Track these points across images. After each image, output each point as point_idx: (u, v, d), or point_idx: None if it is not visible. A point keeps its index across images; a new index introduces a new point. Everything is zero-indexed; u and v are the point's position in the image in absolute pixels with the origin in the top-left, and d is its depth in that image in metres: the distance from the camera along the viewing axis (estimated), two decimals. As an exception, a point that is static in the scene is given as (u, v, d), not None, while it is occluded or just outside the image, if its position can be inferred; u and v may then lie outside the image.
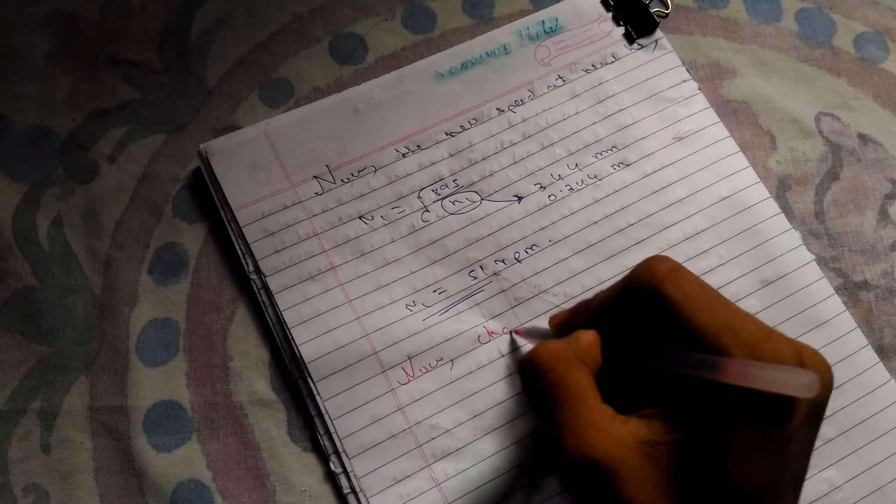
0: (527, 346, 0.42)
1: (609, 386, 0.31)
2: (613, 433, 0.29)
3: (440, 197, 0.45)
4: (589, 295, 0.42)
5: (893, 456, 0.41)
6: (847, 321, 0.43)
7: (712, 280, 0.42)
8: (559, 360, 0.31)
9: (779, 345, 0.29)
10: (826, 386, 0.29)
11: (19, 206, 0.45)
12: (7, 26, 0.48)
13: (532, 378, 0.32)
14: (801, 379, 0.26)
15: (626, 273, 0.33)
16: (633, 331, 0.32)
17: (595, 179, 0.45)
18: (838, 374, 0.41)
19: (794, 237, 0.44)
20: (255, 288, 0.43)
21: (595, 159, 0.46)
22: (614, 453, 0.29)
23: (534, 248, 0.44)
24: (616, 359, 0.32)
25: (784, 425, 0.28)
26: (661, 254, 0.31)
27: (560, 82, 0.47)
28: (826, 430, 0.41)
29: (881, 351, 0.43)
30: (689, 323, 0.29)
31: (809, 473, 0.33)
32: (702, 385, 0.28)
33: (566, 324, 0.37)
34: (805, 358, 0.29)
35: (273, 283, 0.42)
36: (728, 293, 0.43)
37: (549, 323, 0.38)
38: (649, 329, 0.31)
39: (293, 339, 0.42)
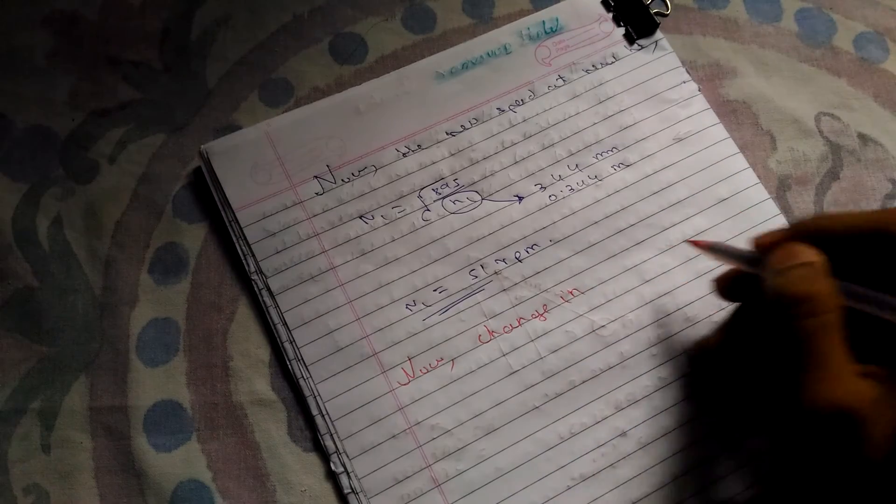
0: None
1: None
2: (862, 383, 0.29)
3: (441, 196, 0.45)
4: (593, 294, 0.43)
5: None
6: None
7: (713, 280, 0.42)
8: (831, 303, 0.30)
9: None
10: None
11: (19, 206, 0.45)
12: (7, 26, 0.48)
13: (796, 315, 0.30)
14: None
15: (878, 210, 0.32)
16: (859, 272, 0.31)
17: (595, 180, 0.45)
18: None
19: (795, 237, 0.44)
20: (256, 288, 0.43)
21: (595, 160, 0.46)
22: (867, 407, 0.28)
23: (534, 247, 0.44)
24: (852, 303, 0.31)
25: None
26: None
27: (560, 82, 0.47)
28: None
29: (881, 351, 0.43)
30: None
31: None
32: None
33: (780, 241, 0.34)
34: None
35: (274, 284, 0.42)
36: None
37: (756, 243, 0.35)
38: (874, 275, 0.31)
39: (294, 340, 0.42)
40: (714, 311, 0.43)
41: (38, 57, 0.48)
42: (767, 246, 0.34)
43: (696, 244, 0.39)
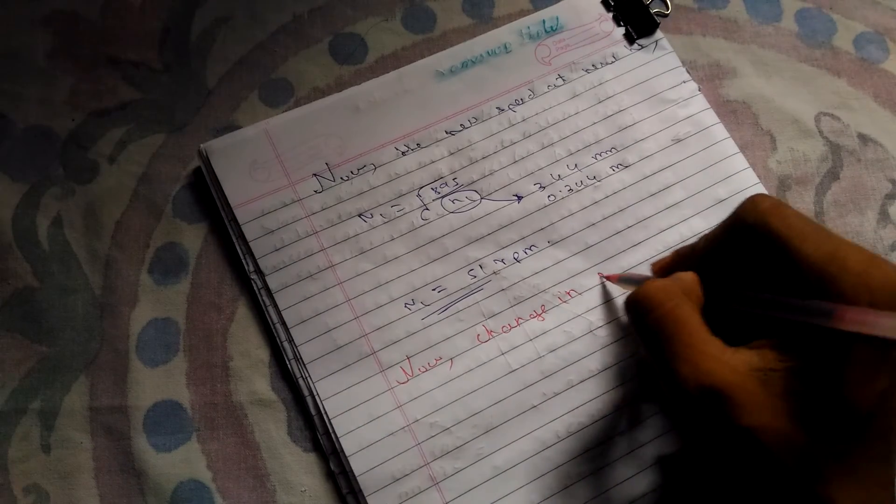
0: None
1: (711, 326, 0.32)
2: (727, 361, 0.30)
3: (440, 195, 0.45)
4: (591, 295, 0.43)
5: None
6: (847, 321, 0.43)
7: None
8: (669, 295, 0.32)
9: (886, 269, 0.29)
10: None
11: (19, 206, 0.45)
12: (7, 26, 0.48)
13: (642, 313, 0.32)
14: None
15: (729, 214, 0.33)
16: (737, 274, 0.33)
17: (594, 180, 0.45)
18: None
19: (794, 237, 0.44)
20: (255, 288, 0.43)
21: (594, 160, 0.46)
22: (730, 379, 0.29)
23: (533, 248, 0.44)
24: (721, 304, 0.33)
25: None
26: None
27: (560, 82, 0.47)
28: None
29: (881, 350, 0.43)
30: (796, 255, 0.30)
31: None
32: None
33: (668, 269, 0.37)
34: None
35: (272, 282, 0.42)
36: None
37: (652, 269, 0.39)
38: (754, 270, 0.32)
39: (292, 338, 0.42)
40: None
41: (38, 57, 0.48)
42: (661, 268, 0.38)
43: (608, 278, 0.43)
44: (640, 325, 0.33)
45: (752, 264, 0.32)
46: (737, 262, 0.33)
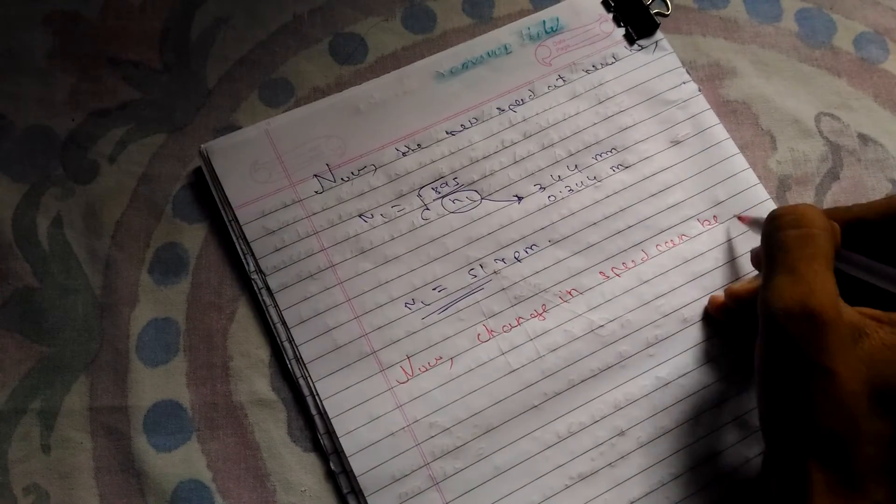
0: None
1: None
2: (837, 303, 0.30)
3: (440, 195, 0.45)
4: (591, 294, 0.43)
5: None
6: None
7: (712, 280, 0.43)
8: (819, 221, 0.33)
9: None
10: None
11: (19, 206, 0.45)
12: (7, 26, 0.48)
13: (787, 226, 0.33)
14: None
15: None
16: (874, 249, 0.34)
17: (594, 181, 0.45)
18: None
19: (794, 237, 0.44)
20: (255, 288, 0.43)
21: (595, 161, 0.46)
22: (833, 317, 0.30)
23: (533, 247, 0.44)
24: (849, 268, 0.34)
25: None
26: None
27: (560, 82, 0.47)
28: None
29: (882, 351, 0.43)
30: None
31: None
32: None
33: None
34: None
35: (273, 282, 0.42)
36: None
37: None
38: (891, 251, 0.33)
39: (293, 338, 0.42)
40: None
41: (38, 57, 0.48)
42: None
43: (741, 219, 0.44)
44: (776, 235, 0.33)
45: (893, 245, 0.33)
46: (880, 238, 0.34)
